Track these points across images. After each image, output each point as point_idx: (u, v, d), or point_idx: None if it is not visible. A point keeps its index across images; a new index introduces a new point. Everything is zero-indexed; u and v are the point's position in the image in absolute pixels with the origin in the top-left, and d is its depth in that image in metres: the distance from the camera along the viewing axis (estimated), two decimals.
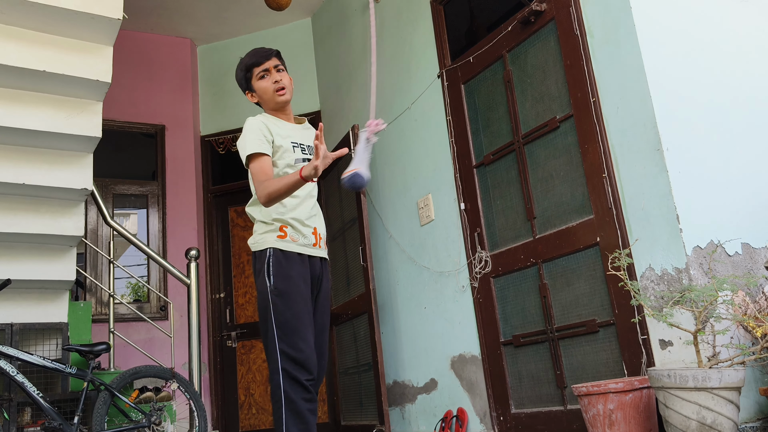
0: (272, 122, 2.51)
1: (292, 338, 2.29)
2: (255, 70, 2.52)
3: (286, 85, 2.52)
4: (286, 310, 2.31)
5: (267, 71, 2.51)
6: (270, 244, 2.38)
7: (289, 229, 2.41)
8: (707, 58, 3.02)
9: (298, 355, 2.28)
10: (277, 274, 2.34)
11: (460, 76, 3.84)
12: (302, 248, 2.43)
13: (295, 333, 2.30)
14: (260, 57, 2.52)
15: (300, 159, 2.49)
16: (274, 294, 2.32)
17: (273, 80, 2.50)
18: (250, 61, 2.52)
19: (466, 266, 3.71)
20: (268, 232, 2.41)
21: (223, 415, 5.28)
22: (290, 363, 2.27)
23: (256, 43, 5.83)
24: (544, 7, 3.24)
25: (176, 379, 3.55)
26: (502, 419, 3.42)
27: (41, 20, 3.29)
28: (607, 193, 2.89)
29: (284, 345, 2.28)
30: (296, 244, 2.41)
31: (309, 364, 2.29)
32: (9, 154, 3.41)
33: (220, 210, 5.71)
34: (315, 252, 2.48)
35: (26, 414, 3.38)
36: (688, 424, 2.17)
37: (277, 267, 2.35)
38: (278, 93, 2.50)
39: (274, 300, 2.32)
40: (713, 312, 2.43)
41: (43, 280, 3.61)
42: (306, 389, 2.27)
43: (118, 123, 5.41)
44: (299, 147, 2.51)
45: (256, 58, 2.52)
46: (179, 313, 5.10)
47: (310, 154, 2.53)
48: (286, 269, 2.36)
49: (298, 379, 2.26)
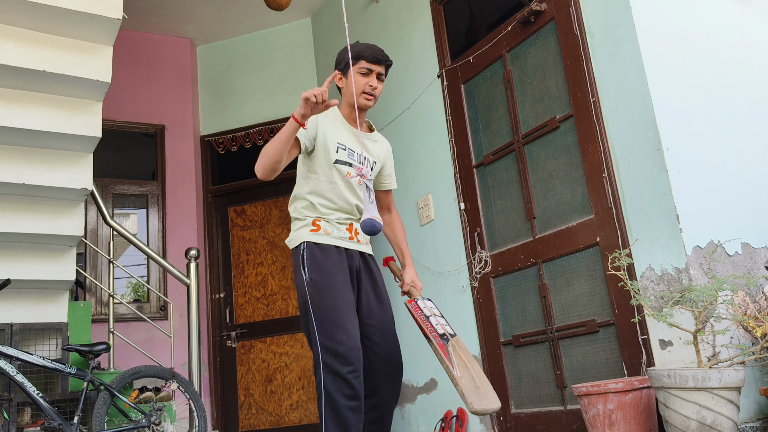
0: (331, 119, 2.44)
1: (331, 330, 2.21)
2: (362, 63, 2.44)
3: (377, 95, 2.47)
4: (322, 302, 2.25)
5: (371, 71, 2.45)
6: (304, 239, 2.35)
7: (323, 223, 2.38)
8: (707, 58, 3.02)
9: (337, 347, 2.19)
10: (311, 266, 2.30)
11: (460, 76, 3.84)
12: (338, 241, 2.38)
13: (333, 325, 2.22)
14: (375, 57, 2.45)
15: (341, 160, 2.40)
16: (311, 286, 2.27)
17: (369, 83, 2.44)
18: (365, 52, 2.44)
19: (466, 266, 3.71)
20: (302, 228, 2.38)
21: (223, 415, 5.28)
22: (330, 356, 2.20)
23: (256, 43, 5.85)
24: (544, 7, 3.24)
25: (176, 379, 3.55)
26: (502, 419, 3.42)
27: (41, 20, 3.29)
28: (607, 193, 2.89)
29: (323, 338, 2.21)
30: (331, 236, 2.37)
31: (350, 355, 2.19)
32: (9, 154, 3.41)
33: (220, 210, 5.71)
34: (353, 245, 2.42)
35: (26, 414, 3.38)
36: (688, 424, 2.17)
37: (311, 259, 2.31)
38: (365, 95, 2.44)
39: (311, 292, 2.27)
40: (713, 312, 2.43)
41: (42, 280, 3.60)
42: (348, 383, 2.18)
43: (118, 123, 5.41)
44: (346, 150, 2.42)
45: (371, 54, 2.44)
46: (179, 313, 5.10)
47: (358, 162, 2.45)
48: (320, 261, 2.31)
49: (338, 372, 2.17)
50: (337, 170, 2.40)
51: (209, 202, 5.67)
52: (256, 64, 5.76)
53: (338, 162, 2.40)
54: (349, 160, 2.43)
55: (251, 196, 5.61)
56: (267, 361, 5.32)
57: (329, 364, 2.19)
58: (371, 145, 2.56)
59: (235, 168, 5.79)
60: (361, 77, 2.44)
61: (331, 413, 2.16)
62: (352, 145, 2.46)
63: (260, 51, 5.81)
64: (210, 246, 5.59)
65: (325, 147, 2.39)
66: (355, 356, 2.21)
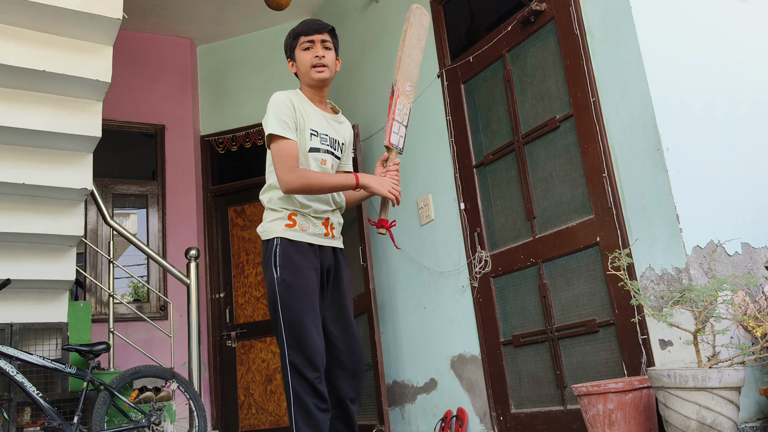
0: (298, 100, 2.40)
1: (301, 332, 2.23)
2: (301, 39, 2.40)
3: (328, 63, 2.39)
4: (293, 303, 2.24)
5: (312, 43, 2.39)
6: (278, 234, 2.30)
7: (299, 218, 2.33)
8: (707, 57, 3.02)
9: (305, 350, 2.22)
10: (283, 265, 2.27)
11: (460, 76, 3.84)
12: (312, 237, 2.35)
13: (303, 327, 2.23)
14: (310, 28, 2.40)
15: (316, 148, 2.38)
16: (281, 286, 2.25)
17: (315, 54, 2.38)
18: (299, 29, 2.41)
19: (465, 266, 3.71)
20: (276, 221, 2.33)
21: (223, 415, 5.28)
22: (298, 356, 2.22)
23: (256, 43, 5.85)
24: (544, 6, 3.24)
25: (176, 379, 3.55)
26: (502, 419, 3.42)
27: (41, 20, 3.29)
28: (607, 192, 2.89)
29: (291, 338, 2.23)
30: (306, 233, 2.33)
31: (316, 359, 2.22)
32: (9, 154, 3.41)
33: (220, 210, 5.71)
34: (327, 242, 2.40)
35: (26, 414, 3.38)
36: (688, 424, 2.17)
37: (284, 257, 2.27)
38: (315, 68, 2.38)
39: (281, 292, 2.25)
40: (713, 312, 2.43)
41: (42, 280, 3.60)
42: (313, 388, 2.21)
43: (118, 123, 5.41)
44: (318, 136, 2.39)
45: (305, 27, 2.40)
46: (179, 313, 5.10)
47: (330, 147, 2.43)
48: (294, 260, 2.28)
49: (305, 375, 2.21)
50: (312, 158, 2.38)
51: (209, 202, 5.67)
52: (256, 64, 5.76)
53: (312, 150, 2.38)
54: (321, 146, 2.41)
55: (251, 195, 5.61)
56: (267, 360, 5.32)
57: (296, 365, 2.22)
58: (337, 126, 2.53)
59: (235, 168, 5.79)
60: (306, 53, 2.39)
61: (301, 411, 2.20)
62: (323, 129, 2.43)
63: (260, 51, 5.81)
64: (210, 246, 5.59)
65: (301, 134, 2.36)
66: (320, 362, 2.25)
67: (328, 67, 2.40)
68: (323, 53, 2.39)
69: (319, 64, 2.38)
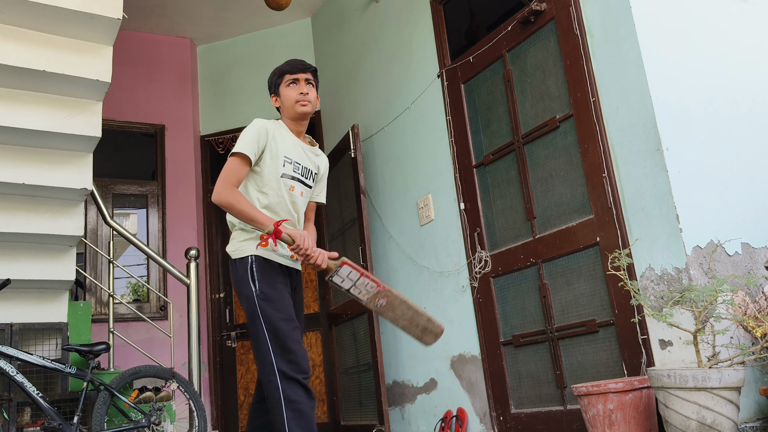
0: (278, 130, 2.55)
1: (285, 340, 2.34)
2: (286, 77, 2.59)
3: (311, 99, 2.59)
4: (275, 314, 2.37)
5: (297, 81, 2.59)
6: (251, 252, 2.44)
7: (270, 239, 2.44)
8: (707, 57, 3.02)
9: (291, 356, 2.33)
10: (261, 279, 2.40)
11: (460, 76, 3.84)
12: (280, 258, 2.50)
13: (286, 335, 2.35)
14: (295, 67, 2.59)
15: (287, 175, 2.52)
16: (261, 299, 2.38)
17: (299, 90, 2.57)
18: (285, 68, 2.60)
19: (465, 266, 3.71)
20: (248, 240, 2.45)
21: (223, 415, 5.28)
22: (286, 364, 2.32)
23: (256, 43, 5.85)
24: (544, 6, 3.24)
25: (176, 379, 3.55)
26: (502, 419, 3.42)
27: (41, 20, 3.29)
28: (607, 192, 2.89)
29: (277, 348, 2.34)
30: (276, 253, 2.47)
31: (303, 362, 2.35)
32: (9, 154, 3.41)
33: (220, 210, 5.71)
34: (291, 263, 2.55)
35: (26, 414, 3.38)
36: (688, 424, 2.17)
37: (261, 273, 2.41)
38: (300, 102, 2.56)
39: (262, 305, 2.37)
40: (713, 312, 2.43)
41: (42, 280, 3.60)
42: (304, 387, 2.32)
43: (118, 123, 5.41)
44: (291, 164, 2.54)
45: (290, 67, 2.59)
46: (179, 313, 5.10)
47: (301, 175, 2.58)
48: (270, 275, 2.43)
49: (295, 378, 2.31)
50: (283, 184, 2.51)
51: (209, 202, 5.67)
52: (256, 64, 5.76)
53: (284, 176, 2.52)
54: (293, 174, 2.55)
55: None
56: None
57: (285, 371, 2.31)
58: (313, 157, 2.69)
59: None
60: (291, 90, 2.58)
61: (293, 413, 2.28)
62: (297, 157, 2.58)
63: (260, 51, 5.81)
64: (210, 246, 5.59)
65: (275, 160, 2.50)
66: (306, 364, 2.36)
67: (311, 102, 2.59)
68: (307, 90, 2.58)
69: (304, 100, 2.57)
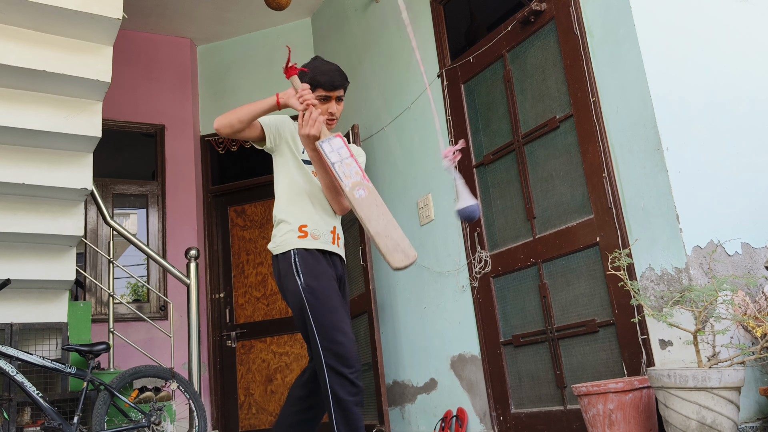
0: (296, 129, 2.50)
1: (332, 333, 2.29)
2: (320, 91, 2.49)
3: (338, 116, 2.55)
4: (321, 306, 2.32)
5: (329, 98, 2.50)
6: (293, 245, 2.39)
7: (309, 228, 2.42)
8: (707, 57, 3.02)
9: (339, 349, 2.28)
10: (306, 272, 2.35)
11: (460, 76, 3.84)
12: (324, 245, 2.44)
13: (333, 328, 2.30)
14: (332, 85, 2.48)
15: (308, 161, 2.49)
16: (307, 292, 2.33)
17: (329, 109, 2.50)
18: (321, 80, 2.48)
19: (465, 266, 3.71)
20: (289, 233, 2.41)
21: (223, 415, 5.28)
22: (333, 358, 2.28)
23: (256, 42, 5.84)
24: (544, 6, 3.24)
25: (176, 379, 3.55)
26: (502, 419, 3.42)
27: (41, 20, 3.29)
28: (607, 192, 2.89)
29: (325, 341, 2.29)
30: (318, 241, 2.42)
31: (351, 356, 2.29)
32: (9, 154, 3.41)
33: (220, 210, 5.71)
34: (335, 249, 2.49)
35: (26, 414, 3.38)
36: (688, 424, 2.17)
37: (304, 265, 2.36)
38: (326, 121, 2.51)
39: (308, 298, 2.32)
40: (713, 312, 2.43)
41: (42, 280, 3.60)
42: (351, 383, 2.28)
43: (118, 123, 5.41)
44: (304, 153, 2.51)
45: (328, 81, 2.48)
46: (179, 313, 5.10)
47: None
48: (314, 266, 2.37)
49: (342, 373, 2.27)
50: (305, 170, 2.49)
51: (209, 202, 5.67)
52: (256, 64, 5.76)
53: (305, 162, 2.49)
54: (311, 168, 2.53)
55: (251, 196, 5.61)
56: (267, 361, 5.32)
57: (332, 365, 2.28)
58: None
59: (236, 168, 5.79)
60: (321, 104, 2.49)
61: (340, 411, 2.26)
62: None
63: (260, 51, 5.81)
64: (210, 246, 5.59)
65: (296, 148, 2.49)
66: (354, 357, 2.31)
67: (336, 120, 2.56)
68: (335, 109, 2.52)
69: (330, 119, 2.53)
